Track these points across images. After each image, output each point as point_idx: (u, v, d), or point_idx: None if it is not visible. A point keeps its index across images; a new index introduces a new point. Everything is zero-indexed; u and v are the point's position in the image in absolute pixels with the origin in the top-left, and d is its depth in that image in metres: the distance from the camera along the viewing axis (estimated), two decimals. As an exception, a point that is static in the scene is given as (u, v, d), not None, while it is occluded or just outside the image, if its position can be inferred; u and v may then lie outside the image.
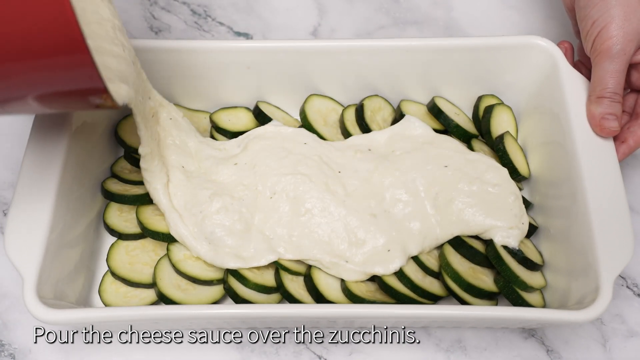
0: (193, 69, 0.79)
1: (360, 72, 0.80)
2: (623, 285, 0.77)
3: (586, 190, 0.67)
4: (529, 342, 0.73)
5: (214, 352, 0.72)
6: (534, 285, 0.70)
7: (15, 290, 0.75)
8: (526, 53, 0.77)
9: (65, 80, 0.50)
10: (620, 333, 0.74)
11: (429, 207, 0.73)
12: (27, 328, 0.73)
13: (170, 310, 0.64)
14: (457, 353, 0.72)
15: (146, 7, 0.97)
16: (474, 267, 0.71)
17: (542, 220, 0.76)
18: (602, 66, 0.70)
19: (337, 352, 0.72)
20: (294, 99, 0.83)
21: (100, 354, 0.72)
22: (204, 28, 0.96)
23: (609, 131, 0.70)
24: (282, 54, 0.78)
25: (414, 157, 0.76)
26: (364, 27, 0.96)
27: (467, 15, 0.97)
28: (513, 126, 0.81)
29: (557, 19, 0.95)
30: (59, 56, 0.47)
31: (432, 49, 0.78)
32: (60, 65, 0.48)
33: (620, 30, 0.69)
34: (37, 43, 0.46)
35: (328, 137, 0.80)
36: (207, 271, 0.71)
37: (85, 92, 0.52)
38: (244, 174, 0.75)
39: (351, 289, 0.69)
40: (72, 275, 0.70)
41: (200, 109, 0.84)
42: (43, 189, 0.66)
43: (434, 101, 0.80)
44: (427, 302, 0.69)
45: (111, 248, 0.74)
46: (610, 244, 0.64)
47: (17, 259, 0.63)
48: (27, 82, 0.50)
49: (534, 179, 0.79)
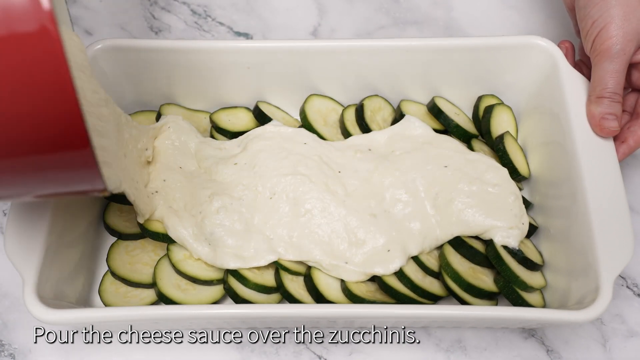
0: (193, 69, 0.79)
1: (360, 72, 0.80)
2: (623, 285, 0.77)
3: (586, 190, 0.67)
4: (529, 342, 0.73)
5: (214, 352, 0.72)
6: (534, 285, 0.70)
7: (15, 290, 0.75)
8: (526, 53, 0.77)
9: (65, 179, 0.48)
10: (620, 333, 0.74)
11: (429, 207, 0.73)
12: (27, 328, 0.73)
13: (170, 310, 0.64)
14: (457, 353, 0.72)
15: (146, 7, 0.97)
16: (474, 267, 0.71)
17: (542, 220, 0.76)
18: (602, 66, 0.70)
19: (337, 352, 0.72)
20: (294, 99, 0.83)
21: (100, 354, 0.72)
22: (204, 28, 0.96)
23: (609, 131, 0.70)
24: (282, 54, 0.78)
25: (414, 157, 0.76)
26: (364, 27, 0.96)
27: (467, 15, 0.97)
28: (513, 126, 0.81)
29: (557, 19, 0.95)
30: (61, 153, 0.45)
31: (432, 49, 0.78)
32: (62, 164, 0.46)
33: (620, 30, 0.69)
34: (40, 140, 0.44)
35: (328, 137, 0.80)
36: (207, 271, 0.71)
37: (85, 192, 0.51)
38: (243, 174, 0.75)
39: (351, 289, 0.69)
40: (72, 275, 0.70)
41: (200, 109, 0.84)
42: (43, 189, 0.66)
43: (434, 101, 0.80)
44: (427, 302, 0.69)
45: (111, 248, 0.74)
46: (610, 244, 0.64)
47: (17, 259, 0.63)
48: (24, 179, 0.48)
49: (534, 179, 0.79)
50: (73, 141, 0.44)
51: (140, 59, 0.77)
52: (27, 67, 0.41)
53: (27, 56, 0.40)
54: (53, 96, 0.42)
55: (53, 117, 0.42)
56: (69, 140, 0.44)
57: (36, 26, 0.40)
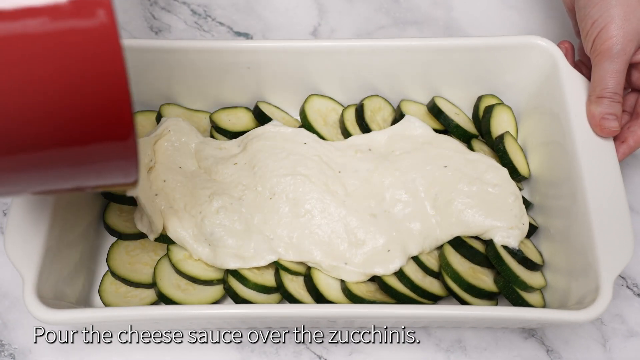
0: (193, 69, 0.79)
1: (360, 72, 0.80)
2: (623, 285, 0.77)
3: (586, 190, 0.67)
4: (529, 342, 0.73)
5: (214, 352, 0.72)
6: (534, 285, 0.70)
7: (15, 290, 0.75)
8: (526, 53, 0.77)
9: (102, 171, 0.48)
10: (620, 333, 0.74)
11: (429, 207, 0.73)
12: (27, 328, 0.73)
13: (170, 310, 0.64)
14: (457, 353, 0.72)
15: (146, 7, 0.97)
16: (474, 267, 0.71)
17: (542, 220, 0.76)
18: (602, 66, 0.70)
19: (337, 352, 0.72)
20: (294, 99, 0.83)
21: (100, 354, 0.72)
22: (204, 28, 0.96)
23: (609, 131, 0.70)
24: (282, 54, 0.78)
25: (413, 157, 0.76)
26: (364, 27, 0.96)
27: (467, 15, 0.97)
28: (513, 126, 0.81)
29: (557, 19, 0.95)
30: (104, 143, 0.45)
31: (432, 49, 0.78)
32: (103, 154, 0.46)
33: (620, 30, 0.69)
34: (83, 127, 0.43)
35: (328, 137, 0.80)
36: (207, 271, 0.71)
37: (117, 185, 0.51)
38: (243, 174, 0.75)
39: (351, 289, 0.69)
40: (72, 275, 0.70)
41: (200, 109, 0.84)
42: (43, 189, 0.66)
43: (434, 101, 0.80)
44: (427, 302, 0.69)
45: (111, 248, 0.74)
46: (610, 244, 0.64)
47: (17, 259, 0.63)
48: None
49: (534, 179, 0.79)
50: (122, 130, 0.44)
51: (140, 59, 0.77)
52: (85, 56, 0.41)
53: (86, 46, 0.41)
54: (107, 82, 0.42)
55: (104, 105, 0.43)
56: (117, 130, 0.44)
57: (95, 15, 0.40)
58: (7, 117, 0.41)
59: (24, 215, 0.65)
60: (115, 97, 0.42)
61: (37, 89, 0.41)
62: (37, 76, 0.41)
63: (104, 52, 0.41)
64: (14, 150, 0.43)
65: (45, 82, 0.41)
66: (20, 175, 0.46)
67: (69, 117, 0.42)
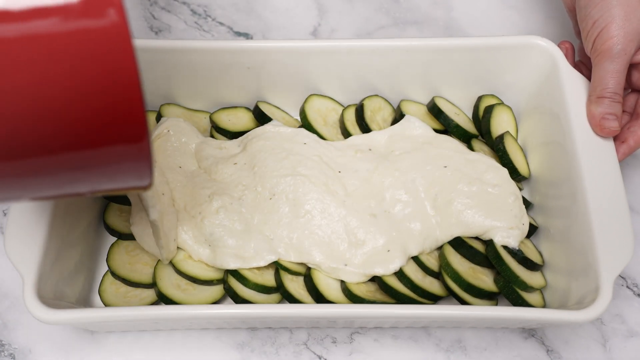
0: (193, 69, 0.79)
1: (360, 72, 0.80)
2: (623, 285, 0.77)
3: (586, 190, 0.67)
4: (529, 342, 0.73)
5: (214, 352, 0.72)
6: (534, 285, 0.70)
7: (15, 290, 0.75)
8: (526, 53, 0.77)
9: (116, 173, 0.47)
10: (620, 333, 0.74)
11: (429, 207, 0.73)
12: (27, 328, 0.73)
13: (170, 310, 0.64)
14: (457, 353, 0.72)
15: (146, 7, 0.97)
16: (474, 267, 0.71)
17: (542, 220, 0.76)
18: (602, 66, 0.70)
19: (337, 352, 0.72)
20: (294, 99, 0.83)
21: (100, 354, 0.72)
22: (204, 28, 0.96)
23: (609, 131, 0.70)
24: (282, 54, 0.78)
25: (413, 157, 0.76)
26: (364, 27, 0.96)
27: (467, 15, 0.97)
28: (513, 126, 0.81)
29: (557, 19, 0.95)
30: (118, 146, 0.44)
31: (432, 49, 0.78)
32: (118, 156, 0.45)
33: (621, 30, 0.69)
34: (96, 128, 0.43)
35: (328, 137, 0.80)
36: (207, 271, 0.71)
37: (131, 188, 0.50)
38: (243, 174, 0.75)
39: (351, 289, 0.69)
40: (72, 275, 0.70)
41: (200, 109, 0.84)
42: (43, 189, 0.66)
43: (434, 101, 0.80)
44: (427, 302, 0.69)
45: (111, 248, 0.74)
46: (610, 244, 0.64)
47: (17, 259, 0.63)
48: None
49: (534, 179, 0.79)
50: (136, 131, 0.43)
51: (140, 59, 0.76)
52: (97, 56, 0.41)
53: (98, 45, 0.41)
54: (120, 82, 0.42)
55: (117, 107, 0.42)
56: (131, 131, 0.43)
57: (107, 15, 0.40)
58: (21, 119, 0.41)
59: (24, 215, 0.65)
60: (129, 97, 0.42)
61: (50, 90, 0.40)
62: (49, 77, 0.40)
63: (116, 52, 0.41)
64: (28, 154, 0.43)
65: (57, 83, 0.40)
66: (34, 179, 0.45)
67: (82, 118, 0.42)
